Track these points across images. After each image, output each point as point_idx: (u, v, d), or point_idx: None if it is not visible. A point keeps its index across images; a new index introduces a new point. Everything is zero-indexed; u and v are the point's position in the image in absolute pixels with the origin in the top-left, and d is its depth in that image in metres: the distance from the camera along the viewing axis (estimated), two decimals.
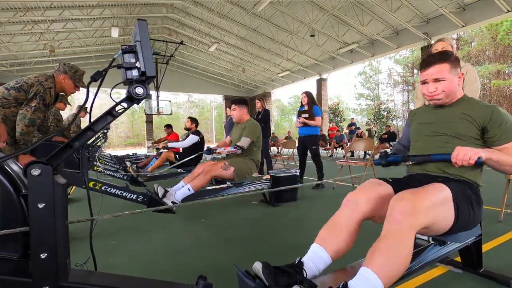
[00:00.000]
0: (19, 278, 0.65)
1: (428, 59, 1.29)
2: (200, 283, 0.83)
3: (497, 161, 1.11)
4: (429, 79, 1.28)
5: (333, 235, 1.10)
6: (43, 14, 9.25)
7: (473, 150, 1.06)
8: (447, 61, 1.24)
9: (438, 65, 1.24)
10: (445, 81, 1.25)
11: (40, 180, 0.64)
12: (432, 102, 1.33)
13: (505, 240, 1.93)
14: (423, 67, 1.29)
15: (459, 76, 1.28)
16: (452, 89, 1.27)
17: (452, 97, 1.29)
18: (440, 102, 1.31)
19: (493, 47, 20.46)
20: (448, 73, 1.24)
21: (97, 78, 0.72)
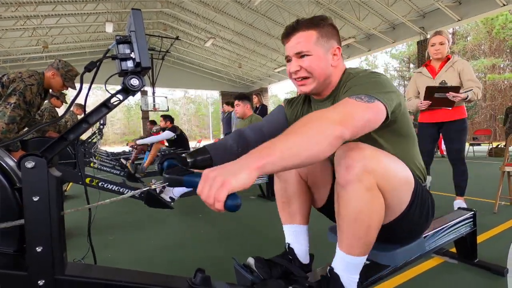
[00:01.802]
0: (15, 272, 0.65)
1: (290, 25, 0.93)
2: (198, 276, 0.83)
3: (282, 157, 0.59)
4: (290, 52, 0.93)
5: (288, 207, 1.07)
6: (36, 9, 9.10)
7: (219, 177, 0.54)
8: (315, 28, 0.90)
9: (301, 33, 0.90)
10: (310, 56, 0.90)
11: (35, 173, 0.63)
12: (298, 89, 0.97)
13: (499, 231, 1.95)
14: (284, 36, 0.95)
15: (333, 53, 0.93)
16: (321, 69, 0.91)
17: (324, 81, 0.93)
18: (308, 90, 0.94)
19: (488, 41, 20.57)
20: (314, 44, 0.90)
21: (91, 68, 0.70)
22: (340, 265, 0.87)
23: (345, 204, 0.80)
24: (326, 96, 0.98)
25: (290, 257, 1.04)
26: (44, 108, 3.54)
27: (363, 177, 0.76)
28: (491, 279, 1.34)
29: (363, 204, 0.78)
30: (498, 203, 2.40)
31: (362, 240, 0.82)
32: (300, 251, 1.05)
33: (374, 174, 0.77)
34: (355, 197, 0.78)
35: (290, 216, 1.07)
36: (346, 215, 0.81)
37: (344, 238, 0.85)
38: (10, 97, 1.97)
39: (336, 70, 0.95)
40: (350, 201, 0.79)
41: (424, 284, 1.34)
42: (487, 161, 6.47)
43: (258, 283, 0.94)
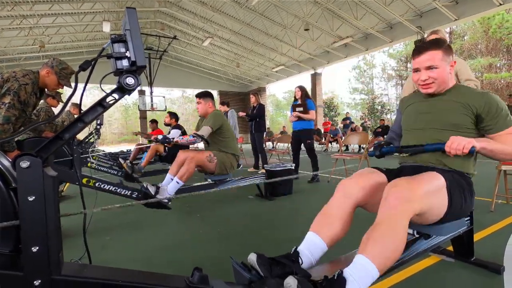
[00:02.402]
0: (11, 272, 0.64)
1: (421, 46, 1.26)
2: (196, 275, 0.83)
3: (491, 150, 1.11)
4: (421, 66, 1.25)
5: (327, 222, 1.10)
6: (32, 8, 9.04)
7: (466, 140, 1.06)
8: (440, 48, 1.22)
9: (431, 51, 1.22)
10: (437, 68, 1.22)
11: (30, 173, 0.63)
12: (424, 91, 1.30)
13: (496, 229, 1.97)
14: (416, 54, 1.26)
15: (451, 64, 1.26)
16: (445, 77, 1.24)
17: (444, 86, 1.27)
18: (432, 91, 1.28)
19: (485, 41, 20.65)
20: (440, 61, 1.21)
21: (86, 67, 0.70)
22: (355, 270, 0.86)
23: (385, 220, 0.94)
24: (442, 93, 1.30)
25: (293, 259, 1.03)
26: (40, 108, 3.51)
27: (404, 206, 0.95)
28: (487, 277, 1.35)
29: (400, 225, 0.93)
30: (495, 202, 2.42)
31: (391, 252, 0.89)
32: (306, 260, 1.04)
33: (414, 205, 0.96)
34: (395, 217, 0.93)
35: (321, 227, 1.10)
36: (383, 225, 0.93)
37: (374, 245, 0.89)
38: (4, 97, 1.95)
39: (451, 77, 1.29)
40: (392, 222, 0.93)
41: (421, 282, 1.34)
42: (484, 160, 6.50)
43: (256, 281, 0.94)
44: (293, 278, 0.83)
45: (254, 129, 5.12)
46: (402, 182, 1.00)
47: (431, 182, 1.05)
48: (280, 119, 40.33)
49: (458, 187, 1.14)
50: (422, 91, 1.31)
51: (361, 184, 1.15)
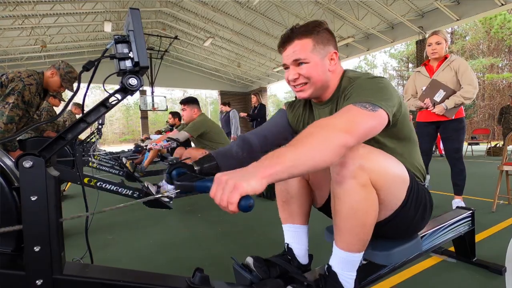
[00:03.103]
0: (13, 271, 0.64)
1: (285, 34, 0.95)
2: (197, 276, 0.83)
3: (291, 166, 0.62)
4: (287, 61, 0.95)
5: (289, 207, 1.07)
6: (34, 8, 9.07)
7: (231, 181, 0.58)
8: (310, 36, 0.91)
9: (297, 41, 0.92)
10: (308, 63, 0.92)
11: (32, 172, 0.63)
12: (297, 95, 0.99)
13: (498, 230, 1.96)
14: (281, 45, 0.97)
15: (330, 57, 0.94)
16: (319, 76, 0.93)
17: (322, 86, 0.95)
18: (307, 95, 0.96)
19: (487, 41, 20.62)
20: (310, 52, 0.91)
21: (89, 67, 0.70)
22: (337, 262, 0.88)
23: (340, 201, 0.82)
24: (326, 100, 1.00)
25: (289, 257, 1.04)
26: (42, 107, 3.53)
27: (357, 174, 0.77)
28: (489, 278, 1.35)
29: (358, 201, 0.79)
30: (497, 202, 2.41)
31: (358, 236, 0.83)
32: (299, 251, 1.06)
33: (368, 171, 0.78)
34: (350, 194, 0.79)
35: (290, 216, 1.07)
36: (342, 212, 0.82)
37: (340, 235, 0.86)
38: (8, 97, 1.96)
39: (334, 74, 0.96)
40: (345, 198, 0.80)
41: (423, 282, 1.34)
42: (485, 160, 6.49)
43: (256, 282, 0.94)
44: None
45: None
46: (359, 145, 0.78)
47: (394, 164, 0.87)
48: None
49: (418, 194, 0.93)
50: (296, 95, 1.00)
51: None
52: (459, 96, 2.24)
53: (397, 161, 0.89)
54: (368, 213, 0.81)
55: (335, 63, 0.95)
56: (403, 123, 0.92)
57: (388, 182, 0.83)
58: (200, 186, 0.74)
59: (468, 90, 2.23)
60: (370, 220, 0.82)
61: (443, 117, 2.35)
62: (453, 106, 2.26)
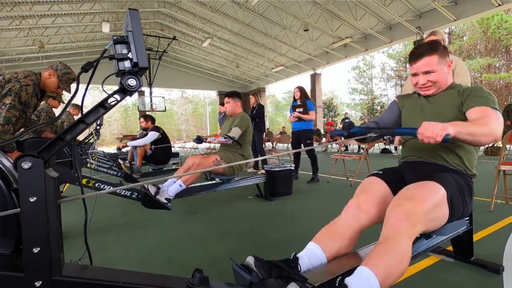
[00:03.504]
0: (12, 273, 0.64)
1: (417, 51, 1.27)
2: (196, 276, 0.83)
3: (468, 133, 1.02)
4: (419, 71, 1.28)
5: (332, 239, 1.10)
6: (31, 9, 9.04)
7: (440, 126, 0.96)
8: (436, 52, 1.24)
9: (427, 57, 1.24)
10: (435, 72, 1.25)
11: (31, 174, 0.63)
12: (423, 93, 1.34)
13: (495, 229, 1.97)
14: (413, 60, 1.29)
15: (448, 65, 1.29)
16: (442, 79, 1.28)
17: (443, 86, 1.31)
18: (431, 93, 1.32)
19: (484, 41, 20.70)
20: (437, 64, 1.24)
21: (88, 68, 0.70)
22: (358, 280, 0.85)
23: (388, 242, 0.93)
24: (438, 93, 1.33)
25: (292, 264, 1.03)
26: (41, 108, 3.52)
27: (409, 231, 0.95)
28: (487, 277, 1.35)
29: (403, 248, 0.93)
30: (494, 202, 2.42)
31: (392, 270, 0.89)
32: (304, 266, 1.04)
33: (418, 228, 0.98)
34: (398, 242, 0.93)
35: (324, 240, 1.10)
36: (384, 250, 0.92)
37: (376, 260, 0.89)
38: (5, 98, 1.95)
39: (449, 76, 1.31)
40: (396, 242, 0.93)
41: (422, 282, 1.34)
42: (483, 160, 6.52)
43: (256, 283, 0.94)
44: (295, 284, 0.84)
45: (254, 129, 5.13)
46: (403, 201, 1.00)
47: (432, 198, 1.04)
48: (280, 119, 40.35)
49: (459, 191, 1.15)
50: (421, 93, 1.34)
51: (369, 205, 1.16)
52: None
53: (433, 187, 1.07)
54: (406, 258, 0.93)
55: (450, 69, 1.30)
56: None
57: (434, 215, 1.04)
58: (399, 131, 1.12)
59: None
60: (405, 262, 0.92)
61: None
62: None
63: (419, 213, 0.98)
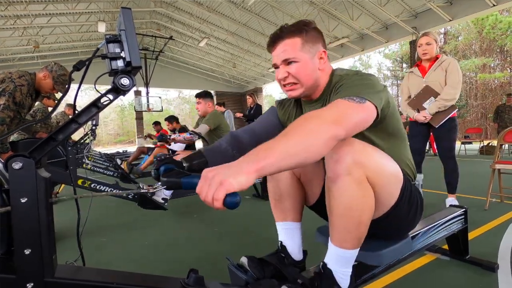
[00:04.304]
0: (3, 275, 0.63)
1: (275, 33, 0.95)
2: (191, 277, 0.82)
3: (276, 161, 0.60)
4: (277, 61, 0.95)
5: (282, 205, 1.06)
6: (26, 8, 8.95)
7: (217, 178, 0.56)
8: (299, 34, 0.91)
9: (286, 40, 0.92)
10: (297, 62, 0.91)
11: (22, 174, 0.62)
12: (288, 94, 0.99)
13: (490, 227, 1.98)
14: (270, 45, 0.96)
15: (320, 56, 0.94)
16: (308, 75, 0.93)
17: (311, 86, 0.95)
18: (297, 94, 0.96)
19: (479, 41, 20.88)
20: (300, 52, 0.91)
21: (80, 67, 0.69)
22: (333, 259, 0.88)
23: (336, 198, 0.81)
24: (316, 98, 1.00)
25: (282, 254, 1.04)
26: (37, 108, 3.49)
27: (352, 170, 0.77)
28: (482, 275, 1.36)
29: (354, 198, 0.79)
30: (489, 200, 2.44)
31: (353, 234, 0.83)
32: (293, 248, 1.06)
33: (363, 168, 0.78)
34: (345, 191, 0.78)
35: (283, 213, 1.07)
36: (337, 209, 0.82)
37: (335, 232, 0.86)
38: None
39: (323, 72, 0.97)
40: (340, 195, 0.80)
41: (417, 280, 1.35)
42: (478, 159, 6.57)
43: (251, 282, 0.94)
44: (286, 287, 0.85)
45: None
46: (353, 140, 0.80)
47: (389, 162, 0.87)
48: None
49: (411, 193, 0.94)
50: (287, 94, 1.01)
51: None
52: (440, 100, 2.29)
53: (391, 159, 0.89)
54: (363, 210, 0.80)
55: (324, 62, 0.96)
56: (391, 118, 0.92)
57: (383, 179, 0.83)
58: (186, 183, 0.72)
59: (448, 92, 2.28)
60: (366, 217, 0.82)
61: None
62: (437, 111, 2.30)
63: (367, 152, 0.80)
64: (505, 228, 1.96)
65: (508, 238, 1.77)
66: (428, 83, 2.39)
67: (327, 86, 0.97)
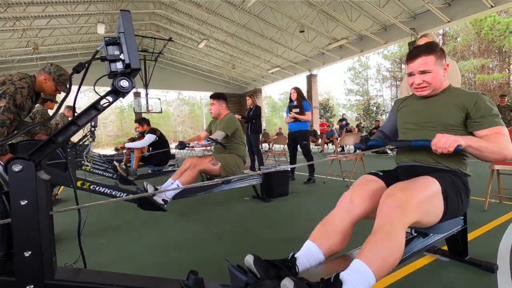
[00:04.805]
0: (3, 278, 0.63)
1: (414, 51, 1.29)
2: (191, 278, 0.82)
3: (477, 148, 1.10)
4: (415, 71, 1.29)
5: (327, 235, 1.11)
6: (25, 10, 8.96)
7: (452, 138, 1.05)
8: (433, 53, 1.25)
9: (424, 57, 1.25)
10: (431, 73, 1.26)
11: (22, 176, 0.62)
12: (418, 93, 1.34)
13: (489, 228, 1.99)
14: (410, 59, 1.30)
15: (444, 67, 1.29)
16: (438, 81, 1.28)
17: (438, 88, 1.30)
18: (426, 93, 1.31)
19: (477, 42, 20.94)
20: (434, 65, 1.25)
21: (80, 70, 0.70)
22: (352, 273, 0.86)
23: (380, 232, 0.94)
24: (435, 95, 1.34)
25: (290, 264, 1.03)
26: (36, 111, 3.48)
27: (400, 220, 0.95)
28: (481, 276, 1.36)
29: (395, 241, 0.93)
30: (488, 201, 2.44)
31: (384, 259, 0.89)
32: (302, 266, 1.04)
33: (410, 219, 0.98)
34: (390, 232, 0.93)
35: (321, 238, 1.11)
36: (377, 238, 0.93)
37: (367, 250, 0.90)
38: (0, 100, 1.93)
39: (445, 79, 1.32)
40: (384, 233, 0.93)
41: (417, 281, 1.35)
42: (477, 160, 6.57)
43: (251, 283, 0.93)
44: (289, 279, 0.83)
45: (250, 130, 5.12)
46: (396, 191, 1.01)
47: (426, 189, 1.06)
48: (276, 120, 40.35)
49: (454, 188, 1.16)
50: (417, 93, 1.34)
51: (361, 197, 1.17)
52: None
53: (428, 181, 1.09)
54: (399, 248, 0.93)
55: (446, 72, 1.31)
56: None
57: (428, 207, 1.05)
58: (415, 143, 1.19)
59: None
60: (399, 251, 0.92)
61: None
62: None
63: (411, 202, 0.98)
64: (504, 228, 1.96)
65: (507, 239, 1.78)
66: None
67: (445, 89, 1.33)
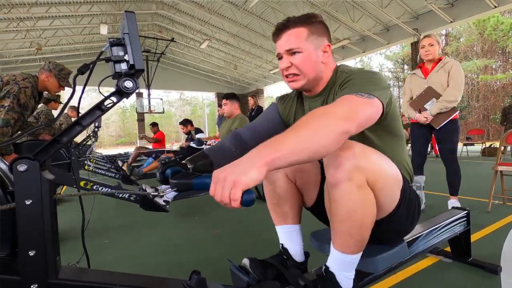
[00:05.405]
0: (7, 276, 0.64)
1: (281, 23, 0.94)
2: (194, 278, 0.83)
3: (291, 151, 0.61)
4: (281, 51, 0.94)
5: (280, 209, 1.06)
6: (29, 11, 9.02)
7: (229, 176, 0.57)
8: (305, 25, 0.90)
9: (291, 30, 0.91)
10: (301, 53, 0.90)
11: (27, 176, 0.63)
12: (289, 85, 0.98)
13: (493, 230, 1.97)
14: (275, 35, 0.96)
15: (324, 49, 0.93)
16: (314, 67, 0.92)
17: (314, 78, 0.94)
18: (299, 86, 0.95)
19: (480, 43, 20.86)
20: (304, 42, 0.90)
21: (84, 71, 0.70)
22: (335, 263, 0.88)
23: (337, 203, 0.80)
24: (318, 92, 0.99)
25: (284, 256, 1.04)
26: (40, 111, 3.51)
27: (353, 175, 0.75)
28: (485, 278, 1.35)
29: (355, 203, 0.77)
30: (492, 202, 2.43)
31: (356, 238, 0.82)
32: (294, 251, 1.06)
33: (364, 172, 0.76)
34: (346, 196, 0.77)
35: (282, 217, 1.07)
36: (339, 214, 0.81)
37: (337, 237, 0.85)
38: (3, 100, 1.95)
39: (327, 67, 0.96)
40: (341, 200, 0.79)
41: (419, 283, 1.35)
42: (480, 161, 6.55)
43: (253, 284, 0.94)
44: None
45: None
46: (353, 143, 0.77)
47: (390, 166, 0.86)
48: None
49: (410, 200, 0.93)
50: (288, 86, 0.99)
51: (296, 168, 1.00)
52: (442, 101, 2.28)
53: (390, 161, 0.88)
54: (365, 214, 0.80)
55: (328, 56, 0.95)
56: (392, 117, 0.91)
57: (384, 182, 0.82)
58: (198, 183, 0.72)
59: (450, 94, 2.27)
60: (368, 221, 0.81)
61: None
62: (438, 112, 2.30)
63: (369, 154, 0.79)
64: (507, 230, 1.95)
65: (511, 240, 1.77)
66: (430, 84, 2.39)
67: (330, 81, 0.96)
